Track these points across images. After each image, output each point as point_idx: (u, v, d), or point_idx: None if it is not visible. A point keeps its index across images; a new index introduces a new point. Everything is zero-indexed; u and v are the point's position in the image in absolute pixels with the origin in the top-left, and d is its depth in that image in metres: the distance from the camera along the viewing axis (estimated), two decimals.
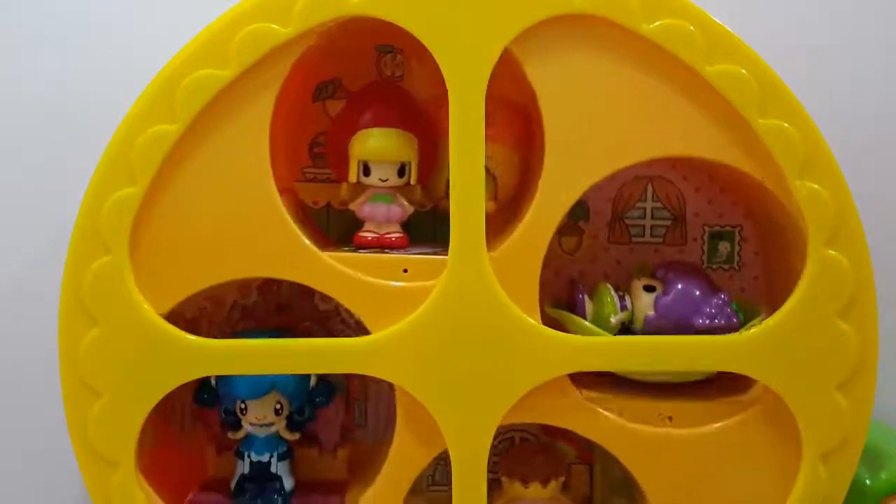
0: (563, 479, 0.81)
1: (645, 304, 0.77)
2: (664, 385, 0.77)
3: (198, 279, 0.73)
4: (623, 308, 0.77)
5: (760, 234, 0.86)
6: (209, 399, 0.78)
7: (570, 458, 0.87)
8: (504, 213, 0.80)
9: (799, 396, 0.72)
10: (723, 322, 0.75)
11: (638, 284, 0.78)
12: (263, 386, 0.76)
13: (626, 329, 0.78)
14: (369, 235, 0.77)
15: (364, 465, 0.82)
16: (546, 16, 0.69)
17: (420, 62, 0.84)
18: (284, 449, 0.79)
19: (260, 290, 0.86)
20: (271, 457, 0.78)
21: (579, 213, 0.72)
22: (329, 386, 0.80)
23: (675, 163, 0.80)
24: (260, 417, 0.78)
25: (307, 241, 0.72)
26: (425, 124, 0.78)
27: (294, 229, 0.72)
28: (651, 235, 0.87)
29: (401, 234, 0.78)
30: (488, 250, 0.73)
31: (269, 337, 0.77)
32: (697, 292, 0.77)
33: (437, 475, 0.88)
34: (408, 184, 0.77)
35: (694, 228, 0.87)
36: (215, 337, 0.78)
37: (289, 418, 0.79)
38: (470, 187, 0.70)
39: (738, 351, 0.72)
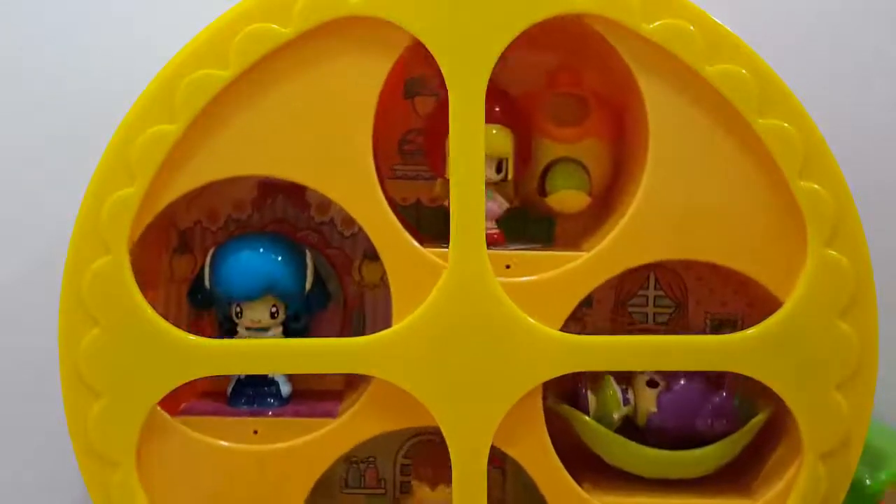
0: None
1: (648, 399, 0.78)
2: (669, 481, 0.77)
3: None
4: (626, 402, 0.78)
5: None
6: (203, 300, 0.78)
7: None
8: (596, 207, 0.80)
9: (799, 396, 0.72)
10: (724, 422, 0.76)
11: (641, 378, 0.79)
12: (258, 288, 0.75)
13: (629, 422, 0.78)
14: None
15: (362, 376, 0.80)
16: (546, 16, 0.69)
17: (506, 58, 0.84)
18: None
19: (255, 205, 0.85)
20: None
21: (582, 300, 0.73)
22: (324, 290, 0.80)
23: None
24: (255, 321, 0.77)
25: (414, 242, 0.71)
26: (520, 120, 0.78)
27: (400, 228, 0.71)
28: (654, 323, 0.87)
29: (498, 230, 0.77)
30: (579, 245, 0.74)
31: (268, 239, 0.77)
32: (700, 388, 0.77)
33: (350, 479, 0.88)
34: (503, 180, 0.77)
35: (696, 317, 0.87)
36: (208, 247, 0.78)
37: (284, 325, 0.78)
38: (470, 186, 0.70)
39: (738, 351, 0.72)
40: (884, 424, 0.86)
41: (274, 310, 0.77)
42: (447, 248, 0.72)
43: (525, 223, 0.83)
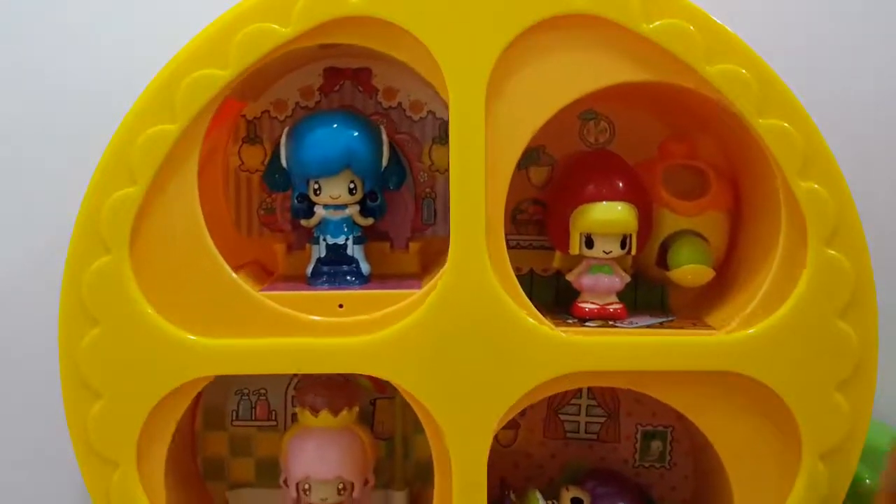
0: (356, 409, 0.80)
1: None
2: None
3: None
4: None
5: (691, 435, 0.87)
6: (280, 181, 0.78)
7: (368, 390, 0.86)
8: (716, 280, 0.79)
9: (799, 396, 0.72)
10: None
11: (566, 496, 0.80)
12: (338, 162, 0.75)
13: None
14: (590, 307, 0.77)
15: (435, 261, 0.81)
16: (546, 16, 0.69)
17: (627, 127, 0.85)
18: (359, 234, 0.79)
19: (322, 91, 0.85)
20: (347, 240, 0.78)
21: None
22: (401, 167, 0.80)
23: None
24: (335, 196, 0.77)
25: (546, 322, 0.72)
26: (642, 193, 0.77)
27: (530, 306, 0.72)
28: (586, 432, 0.89)
29: (620, 305, 0.77)
30: (700, 318, 0.77)
31: (343, 115, 0.77)
32: None
33: (241, 410, 0.88)
34: (627, 254, 0.77)
35: (627, 427, 0.89)
36: (277, 135, 0.78)
37: (362, 204, 0.78)
38: (470, 186, 0.70)
39: (738, 351, 0.72)
40: (884, 424, 0.86)
41: (352, 185, 0.77)
42: (569, 320, 0.75)
43: (634, 291, 0.83)
